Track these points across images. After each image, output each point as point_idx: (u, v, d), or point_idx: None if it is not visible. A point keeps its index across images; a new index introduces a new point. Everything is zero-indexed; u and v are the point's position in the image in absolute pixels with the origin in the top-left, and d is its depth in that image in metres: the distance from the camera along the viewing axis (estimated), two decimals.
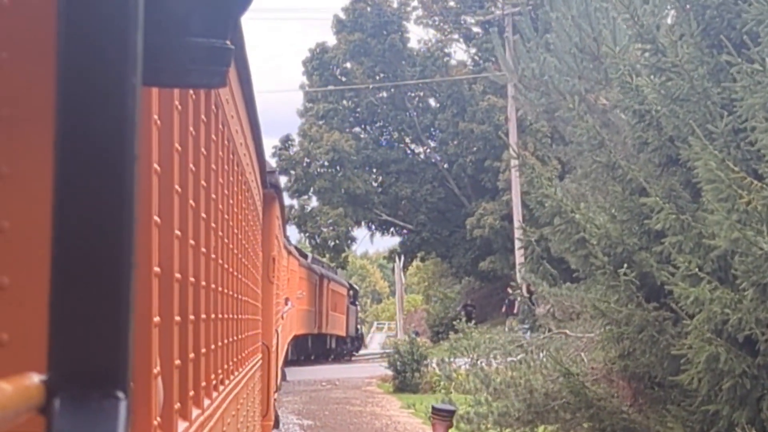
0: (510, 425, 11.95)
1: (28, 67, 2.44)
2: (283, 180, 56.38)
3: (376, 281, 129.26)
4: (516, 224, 51.38)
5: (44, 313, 1.31)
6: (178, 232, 4.51)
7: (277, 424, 20.55)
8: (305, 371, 41.12)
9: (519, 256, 50.82)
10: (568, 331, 12.93)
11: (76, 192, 1.23)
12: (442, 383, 33.79)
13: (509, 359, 13.25)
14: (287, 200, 54.15)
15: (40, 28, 2.42)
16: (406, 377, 33.29)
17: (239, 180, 8.91)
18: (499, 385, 11.97)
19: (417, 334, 54.36)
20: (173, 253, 4.27)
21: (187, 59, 1.73)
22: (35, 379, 1.18)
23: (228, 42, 1.84)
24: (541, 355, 13.20)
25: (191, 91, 4.99)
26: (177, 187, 4.49)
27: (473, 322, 49.58)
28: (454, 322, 38.01)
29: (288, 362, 39.51)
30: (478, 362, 13.62)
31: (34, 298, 2.27)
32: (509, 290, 52.94)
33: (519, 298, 44.75)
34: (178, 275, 4.49)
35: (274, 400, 18.58)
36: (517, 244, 50.67)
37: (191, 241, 5.09)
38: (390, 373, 34.46)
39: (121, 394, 1.21)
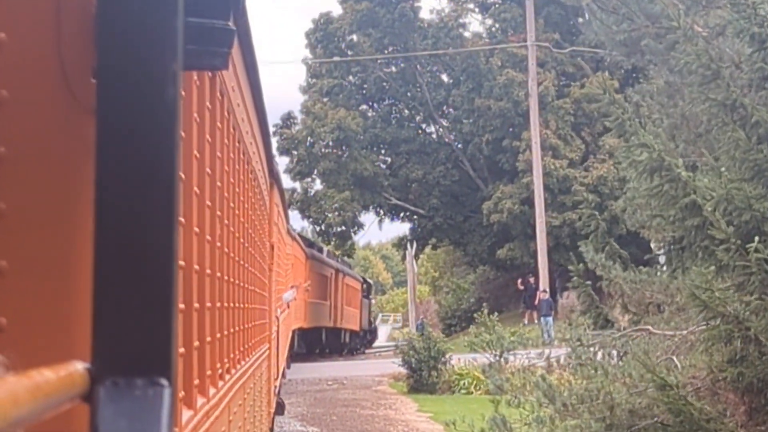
0: None
1: (26, 46, 1.98)
2: (284, 161, 54.70)
3: (380, 272, 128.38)
4: (537, 209, 49.40)
5: (43, 298, 1.74)
6: (182, 219, 4.37)
7: (282, 411, 21.97)
8: (310, 368, 38.60)
9: (540, 243, 48.65)
10: (651, 328, 10.31)
11: (119, 183, 1.30)
12: (461, 383, 31.39)
13: (571, 363, 10.61)
14: (289, 183, 52.25)
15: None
16: (422, 376, 30.84)
17: (245, 168, 9.02)
18: (568, 399, 9.34)
19: (423, 325, 52.40)
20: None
21: (186, 40, 1.57)
22: (79, 367, 1.24)
23: (230, 23, 2.01)
24: (607, 356, 10.59)
25: (195, 78, 5.05)
26: (181, 174, 4.03)
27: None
28: (475, 315, 36.00)
29: (298, 356, 39.78)
30: (530, 363, 10.99)
31: (33, 282, 1.93)
32: (519, 283, 51.51)
33: (539, 288, 42.35)
34: (182, 263, 4.49)
35: (278, 387, 19.10)
36: (539, 228, 49.02)
37: (195, 229, 5.17)
38: (403, 371, 31.92)
39: (164, 382, 1.27)
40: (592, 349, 10.38)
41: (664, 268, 11.25)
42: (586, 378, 9.73)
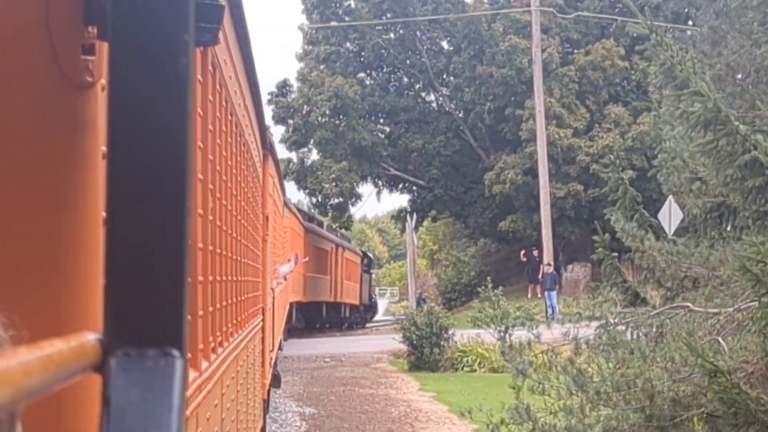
0: None
1: (15, 23, 2.10)
2: (279, 130, 53.60)
3: (375, 246, 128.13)
4: (541, 180, 48.24)
5: (23, 267, 1.91)
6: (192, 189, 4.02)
7: (278, 384, 22.21)
8: (306, 345, 37.55)
9: (544, 214, 47.53)
10: (691, 305, 9.19)
11: (131, 154, 1.29)
12: (465, 360, 30.29)
13: (601, 345, 9.46)
14: (284, 153, 51.22)
15: None
16: (423, 353, 29.78)
17: (238, 141, 8.97)
18: (601, 386, 8.22)
19: (423, 300, 51.64)
20: None
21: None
22: (91, 338, 1.26)
23: None
24: (643, 337, 9.52)
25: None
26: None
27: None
28: (479, 289, 34.90)
29: (296, 332, 39.71)
30: (553, 344, 9.89)
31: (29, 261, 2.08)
32: (522, 255, 50.47)
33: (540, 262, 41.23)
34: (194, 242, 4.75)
35: (274, 360, 19.45)
36: (543, 200, 47.88)
37: (200, 211, 5.35)
38: (404, 347, 30.86)
39: (176, 353, 1.28)
40: (622, 328, 9.25)
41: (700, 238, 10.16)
42: (620, 362, 8.61)
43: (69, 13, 1.94)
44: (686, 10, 38.14)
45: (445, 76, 56.14)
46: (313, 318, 45.52)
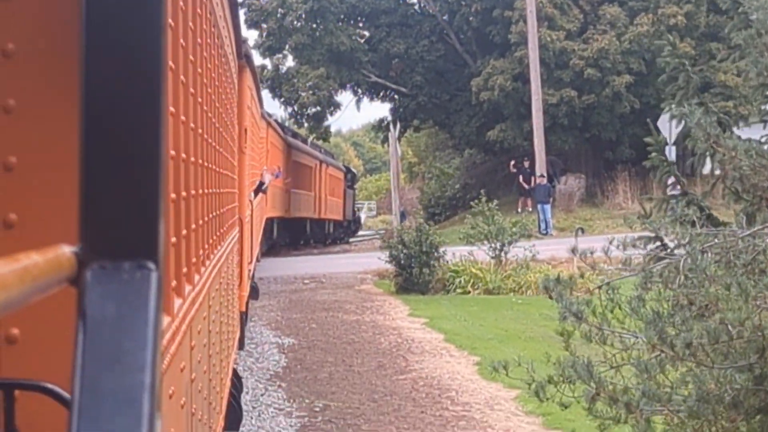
0: (721, 417, 6.15)
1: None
2: (253, 35, 51.75)
3: (350, 160, 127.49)
4: (533, 85, 46.14)
5: (54, 193, 2.22)
6: (173, 109, 4.48)
7: (256, 296, 23.15)
8: (285, 264, 35.54)
9: (537, 122, 45.45)
10: None
11: (105, 66, 1.29)
12: (457, 281, 28.32)
13: (678, 278, 7.27)
14: (258, 60, 49.16)
15: None
16: (412, 274, 27.78)
17: (219, 53, 8.95)
18: (695, 337, 6.09)
19: (404, 215, 50.21)
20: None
21: None
22: (66, 250, 1.26)
23: None
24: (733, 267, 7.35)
25: None
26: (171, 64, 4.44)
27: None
28: (472, 203, 32.91)
29: (279, 249, 40.20)
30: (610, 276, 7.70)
31: (44, 175, 2.49)
32: (512, 166, 48.60)
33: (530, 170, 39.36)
34: (172, 153, 4.51)
35: (252, 270, 19.52)
36: (535, 107, 45.79)
37: (182, 117, 5.17)
38: (390, 267, 28.83)
39: (152, 265, 1.28)
40: (705, 255, 7.07)
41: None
42: (712, 302, 6.47)
43: None
44: None
45: None
46: (296, 234, 45.31)
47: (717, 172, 9.44)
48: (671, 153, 40.36)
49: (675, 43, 9.22)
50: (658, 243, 8.38)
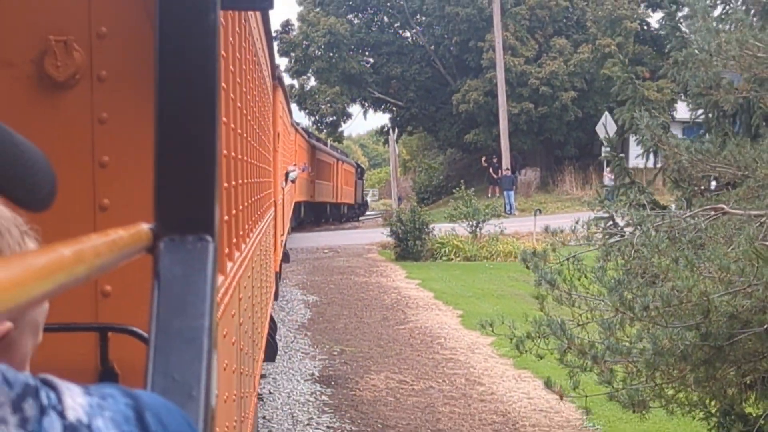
0: (672, 368, 5.64)
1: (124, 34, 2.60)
2: (284, 61, 51.13)
3: (358, 157, 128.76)
4: (500, 99, 45.52)
5: (136, 183, 2.25)
6: (225, 119, 4.45)
7: (287, 260, 22.77)
8: (309, 238, 35.01)
9: (503, 128, 44.88)
10: (727, 207, 6.48)
11: (173, 80, 1.28)
12: (443, 251, 27.80)
13: (633, 250, 6.74)
14: (288, 80, 48.46)
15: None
16: (407, 245, 27.36)
17: (258, 76, 8.91)
18: (651, 301, 5.59)
19: (400, 199, 50.04)
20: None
21: None
22: (145, 227, 1.25)
23: None
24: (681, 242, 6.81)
25: (229, 12, 5.02)
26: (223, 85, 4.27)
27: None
28: (454, 190, 32.40)
29: (306, 225, 39.70)
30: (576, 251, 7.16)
31: (129, 170, 2.52)
32: (483, 160, 48.05)
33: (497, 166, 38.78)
34: (225, 152, 4.38)
35: (284, 240, 19.35)
36: (502, 116, 45.17)
37: (231, 125, 5.10)
38: (391, 240, 28.39)
39: (209, 238, 1.28)
40: (655, 233, 6.53)
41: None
42: (663, 272, 5.94)
43: None
44: None
45: (418, 15, 53.04)
46: (319, 214, 44.91)
47: (657, 165, 8.89)
48: (606, 151, 39.70)
49: (625, 61, 8.65)
50: (611, 222, 7.86)
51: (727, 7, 8.31)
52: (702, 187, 7.99)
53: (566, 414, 10.21)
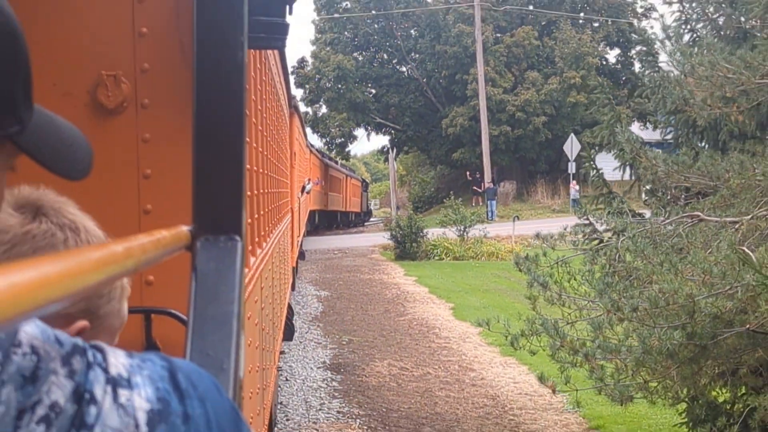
0: (659, 365, 5.03)
1: (161, 33, 2.68)
2: (299, 92, 50.63)
3: (361, 173, 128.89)
4: (482, 123, 44.92)
5: (175, 192, 2.34)
6: (249, 139, 4.40)
7: (303, 257, 22.53)
8: (321, 241, 34.38)
9: (485, 147, 44.24)
10: (702, 215, 5.85)
11: (208, 107, 1.29)
12: (435, 252, 27.15)
13: (616, 255, 6.12)
14: (303, 108, 47.86)
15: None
16: (405, 246, 26.74)
17: (276, 105, 8.73)
18: (639, 302, 4.98)
19: (398, 208, 49.47)
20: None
21: (258, 30, 2.09)
22: (184, 228, 1.26)
23: (285, 19, 2.27)
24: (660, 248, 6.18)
25: (250, 51, 5.11)
26: (247, 111, 3.33)
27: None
28: (444, 200, 31.75)
29: (318, 230, 38.97)
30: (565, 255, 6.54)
31: (168, 181, 2.57)
32: (468, 175, 47.44)
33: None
34: (248, 166, 3.95)
35: (300, 241, 19.32)
36: (484, 137, 44.53)
37: (254, 144, 5.14)
38: (391, 242, 27.75)
39: (237, 238, 1.29)
40: (640, 240, 5.89)
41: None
42: (648, 276, 5.32)
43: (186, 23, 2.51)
44: None
45: (413, 53, 52.47)
46: (330, 221, 44.47)
47: (632, 177, 8.26)
48: (572, 167, 39.10)
49: (604, 84, 8.04)
50: (591, 228, 7.23)
51: (694, 35, 7.70)
52: (676, 197, 7.35)
53: (548, 398, 9.57)
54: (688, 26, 7.66)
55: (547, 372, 5.88)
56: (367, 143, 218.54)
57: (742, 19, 6.64)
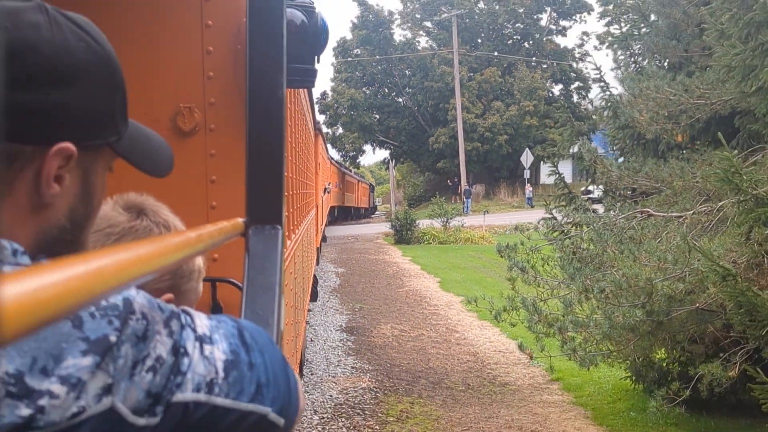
0: (622, 337, 4.47)
1: (224, 74, 2.62)
2: (322, 117, 49.71)
3: (368, 179, 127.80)
4: (460, 141, 44.29)
5: (233, 193, 2.35)
6: (285, 153, 2.63)
7: (325, 241, 21.69)
8: (338, 229, 33.78)
9: (462, 159, 43.60)
10: (651, 210, 5.24)
11: (257, 129, 1.28)
12: (425, 238, 26.53)
13: (579, 245, 5.54)
14: (325, 129, 47.22)
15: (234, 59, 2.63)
16: (402, 233, 26.08)
17: (304, 127, 8.44)
18: (607, 286, 4.42)
19: (396, 204, 48.90)
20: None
21: (294, 74, 2.06)
22: (240, 220, 1.24)
23: (314, 66, 2.29)
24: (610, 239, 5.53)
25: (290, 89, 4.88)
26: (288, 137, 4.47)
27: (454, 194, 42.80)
28: (431, 199, 31.16)
29: (337, 221, 38.09)
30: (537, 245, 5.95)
31: (228, 184, 2.55)
32: (449, 181, 46.85)
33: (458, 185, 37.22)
34: (285, 174, 2.46)
35: (323, 228, 18.65)
36: (461, 151, 43.89)
37: (289, 157, 5.06)
38: (391, 230, 27.10)
39: (279, 227, 1.27)
40: (603, 232, 5.30)
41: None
42: (612, 262, 4.74)
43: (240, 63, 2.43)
44: None
45: (407, 88, 51.89)
46: (346, 214, 43.72)
47: (585, 180, 7.56)
48: (527, 173, 38.38)
49: (563, 105, 7.39)
50: (555, 222, 6.60)
51: (636, 66, 7.01)
52: (624, 196, 6.70)
53: (517, 354, 8.96)
54: (632, 59, 7.05)
55: (518, 337, 5.38)
56: (372, 156, 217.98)
57: (685, 51, 6.03)
